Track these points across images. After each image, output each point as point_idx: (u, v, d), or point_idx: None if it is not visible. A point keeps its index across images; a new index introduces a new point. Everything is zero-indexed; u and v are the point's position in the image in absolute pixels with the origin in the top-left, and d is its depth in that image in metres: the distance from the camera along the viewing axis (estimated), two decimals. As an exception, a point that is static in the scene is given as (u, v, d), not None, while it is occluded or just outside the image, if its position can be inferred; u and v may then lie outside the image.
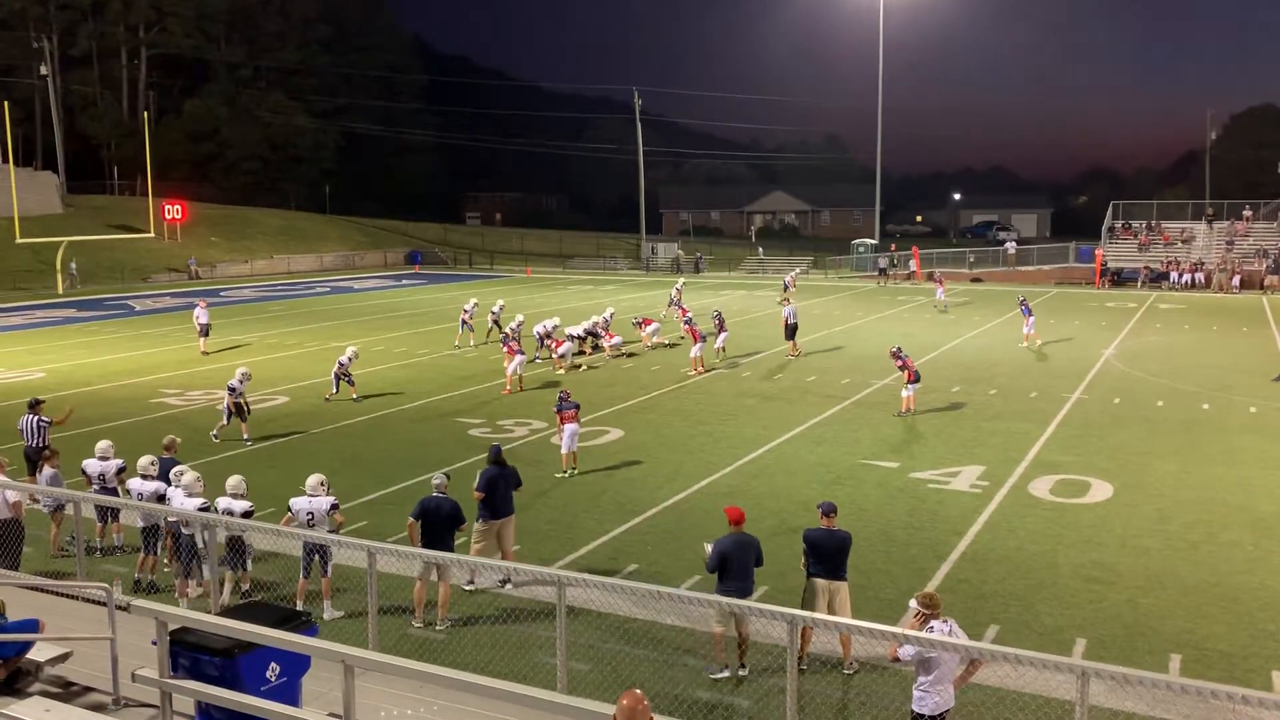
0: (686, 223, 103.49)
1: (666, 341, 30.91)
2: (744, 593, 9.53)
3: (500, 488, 12.00)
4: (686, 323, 28.08)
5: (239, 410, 19.08)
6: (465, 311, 31.71)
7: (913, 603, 7.87)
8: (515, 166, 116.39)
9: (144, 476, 12.25)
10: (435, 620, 10.81)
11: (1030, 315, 30.42)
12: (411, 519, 11.12)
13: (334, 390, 22.85)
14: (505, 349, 24.53)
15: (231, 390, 19.17)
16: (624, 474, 16.77)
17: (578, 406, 16.90)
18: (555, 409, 17.12)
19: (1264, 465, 17.11)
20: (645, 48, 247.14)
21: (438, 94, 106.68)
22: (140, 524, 12.11)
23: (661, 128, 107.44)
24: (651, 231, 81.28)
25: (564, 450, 16.75)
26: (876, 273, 56.72)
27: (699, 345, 26.41)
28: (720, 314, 29.85)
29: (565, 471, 16.70)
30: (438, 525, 11.05)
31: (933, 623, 7.54)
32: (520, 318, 28.32)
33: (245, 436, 19.01)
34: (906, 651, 7.47)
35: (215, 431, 19.13)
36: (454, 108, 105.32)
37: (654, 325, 31.19)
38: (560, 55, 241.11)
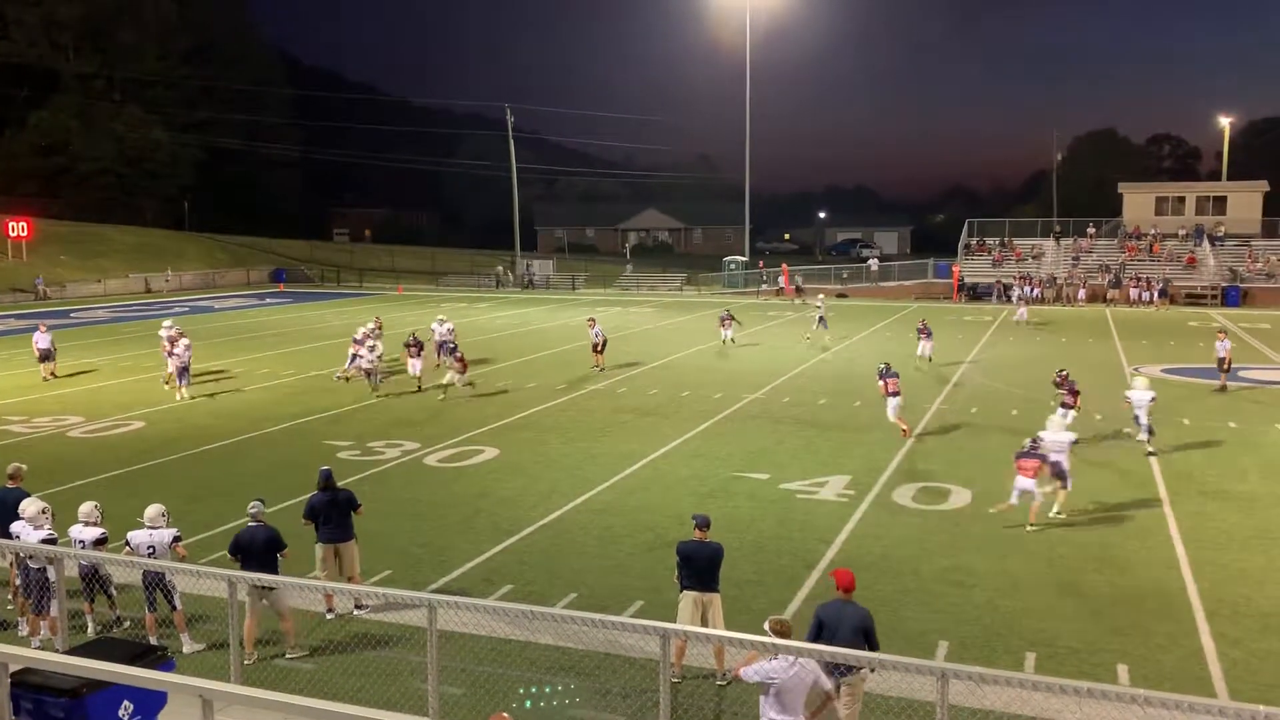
0: (562, 240, 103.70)
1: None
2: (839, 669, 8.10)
3: (324, 513, 11.57)
4: (450, 352, 26.74)
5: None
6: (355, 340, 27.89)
7: (765, 625, 7.53)
8: (384, 182, 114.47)
9: None
10: (285, 651, 10.53)
11: (928, 337, 30.92)
12: (229, 554, 10.70)
13: None
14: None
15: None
16: (499, 493, 16.62)
17: (1045, 457, 14.76)
18: (1016, 455, 14.87)
19: (1106, 469, 18.07)
20: (518, 65, 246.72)
21: (303, 108, 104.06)
22: None
23: (535, 145, 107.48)
24: (526, 248, 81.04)
25: (1026, 496, 14.56)
26: (776, 289, 58.24)
27: (462, 375, 24.99)
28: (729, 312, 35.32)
29: (1036, 525, 14.58)
30: (254, 556, 10.51)
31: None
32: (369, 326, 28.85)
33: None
34: (750, 673, 7.29)
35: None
36: (320, 122, 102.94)
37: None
38: (431, 71, 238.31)
